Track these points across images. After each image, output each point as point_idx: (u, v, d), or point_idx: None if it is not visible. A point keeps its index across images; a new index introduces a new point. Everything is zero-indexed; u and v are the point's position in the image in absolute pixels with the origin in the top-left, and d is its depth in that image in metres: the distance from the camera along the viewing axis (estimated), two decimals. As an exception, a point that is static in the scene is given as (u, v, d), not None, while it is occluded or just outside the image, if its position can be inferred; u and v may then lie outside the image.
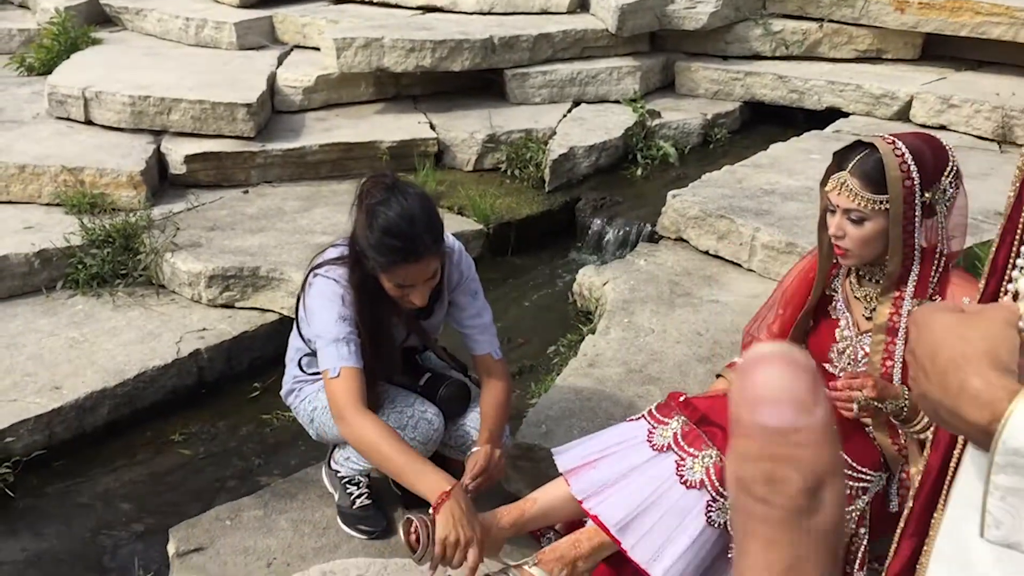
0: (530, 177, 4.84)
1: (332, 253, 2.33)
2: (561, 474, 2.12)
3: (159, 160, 4.55)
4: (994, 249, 1.04)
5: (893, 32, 5.60)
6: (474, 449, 2.33)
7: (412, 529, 2.09)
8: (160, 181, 4.53)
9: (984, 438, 0.77)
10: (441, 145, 5.03)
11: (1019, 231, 1.00)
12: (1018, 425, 0.75)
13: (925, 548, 1.09)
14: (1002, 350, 0.80)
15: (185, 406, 3.38)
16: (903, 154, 1.95)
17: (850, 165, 2.00)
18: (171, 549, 2.48)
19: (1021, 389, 0.77)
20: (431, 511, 2.03)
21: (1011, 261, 1.00)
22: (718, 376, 2.51)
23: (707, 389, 2.61)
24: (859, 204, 1.98)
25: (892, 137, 2.01)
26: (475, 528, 2.02)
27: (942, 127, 5.09)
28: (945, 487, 1.06)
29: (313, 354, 2.49)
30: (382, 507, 2.58)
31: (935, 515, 1.09)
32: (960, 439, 1.03)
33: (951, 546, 0.98)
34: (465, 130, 5.05)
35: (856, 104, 5.40)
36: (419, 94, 5.60)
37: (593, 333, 3.38)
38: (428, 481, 2.03)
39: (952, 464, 1.06)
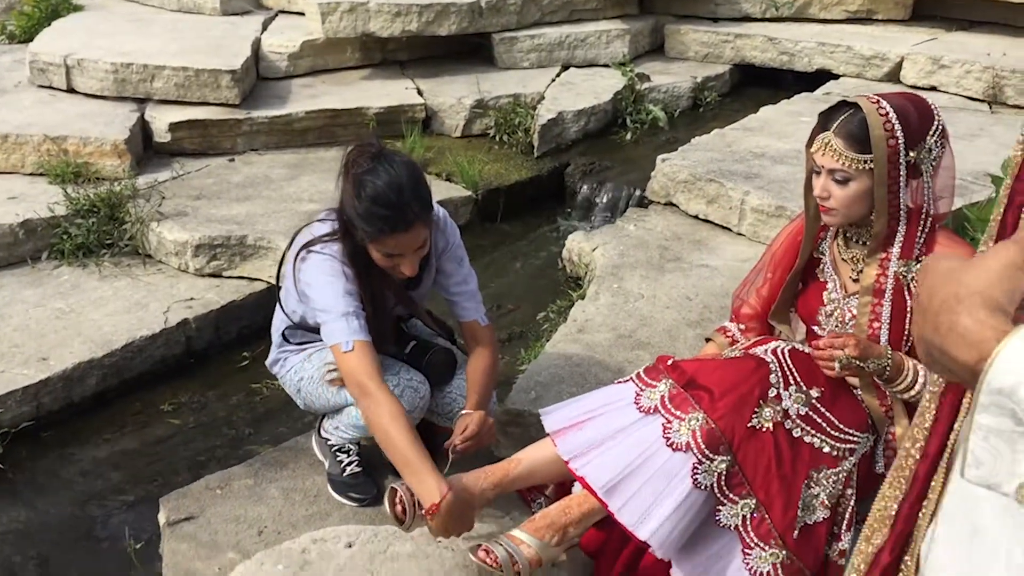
0: (518, 143, 4.81)
1: (322, 228, 2.30)
2: (547, 435, 2.12)
3: (143, 128, 4.51)
4: (1002, 209, 1.02)
5: (884, -8, 5.56)
6: (464, 411, 2.33)
7: (397, 500, 2.09)
8: (144, 149, 4.48)
9: (972, 378, 0.77)
10: (429, 111, 4.98)
11: None
12: (1003, 366, 0.74)
13: (923, 511, 1.09)
14: (997, 291, 0.80)
15: (174, 376, 3.37)
16: (887, 113, 1.94)
17: (834, 125, 1.99)
18: (162, 518, 2.48)
19: (1011, 330, 0.76)
20: (424, 514, 2.03)
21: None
22: (707, 340, 2.51)
23: (697, 353, 2.61)
24: (843, 164, 1.97)
25: (877, 96, 1.99)
26: (467, 526, 2.06)
27: (932, 88, 5.07)
28: (948, 449, 1.06)
29: (297, 326, 2.48)
30: (372, 475, 2.57)
31: (935, 479, 1.08)
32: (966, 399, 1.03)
33: (956, 506, 0.96)
34: (453, 96, 5.00)
35: (846, 66, 5.37)
36: (406, 59, 5.54)
37: (583, 299, 3.37)
38: (424, 485, 2.03)
39: (957, 426, 1.05)
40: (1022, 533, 0.85)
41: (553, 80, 5.30)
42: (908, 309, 2.04)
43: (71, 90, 4.73)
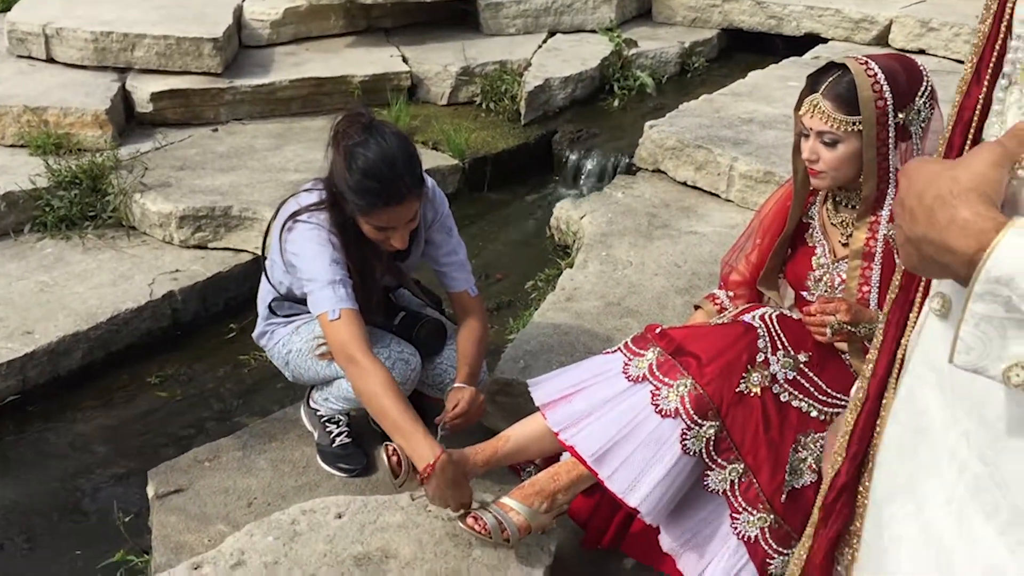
0: (505, 110, 4.77)
1: (309, 198, 2.27)
2: (536, 408, 2.11)
3: (125, 98, 4.45)
4: (950, 126, 1.06)
5: (873, -46, 5.51)
6: (455, 385, 2.32)
7: (391, 452, 2.09)
8: (126, 120, 4.43)
9: (968, 270, 0.80)
10: (414, 79, 4.94)
11: (988, 77, 1.01)
12: (1002, 254, 0.78)
13: (877, 429, 1.14)
14: (988, 187, 0.83)
15: (160, 349, 3.35)
16: (875, 74, 1.92)
17: (822, 87, 1.97)
18: (150, 491, 2.48)
19: (1008, 221, 0.80)
20: (418, 478, 2.02)
21: (980, 103, 1.02)
22: (696, 308, 2.50)
23: (686, 321, 2.60)
24: (832, 126, 1.95)
25: (865, 57, 1.97)
26: (464, 495, 2.03)
27: (921, 51, 5.04)
28: (897, 364, 1.11)
29: (284, 298, 2.45)
30: (362, 445, 2.57)
31: (886, 395, 1.13)
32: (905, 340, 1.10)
33: (906, 412, 1.04)
34: (439, 63, 4.95)
35: (835, 29, 5.33)
36: (391, 26, 5.48)
37: (571, 267, 3.35)
38: (416, 449, 2.02)
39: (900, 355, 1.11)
40: (964, 425, 0.92)
41: (540, 46, 5.25)
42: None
43: (50, 60, 4.66)
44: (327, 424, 2.56)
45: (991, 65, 1.01)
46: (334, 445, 2.54)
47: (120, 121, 4.33)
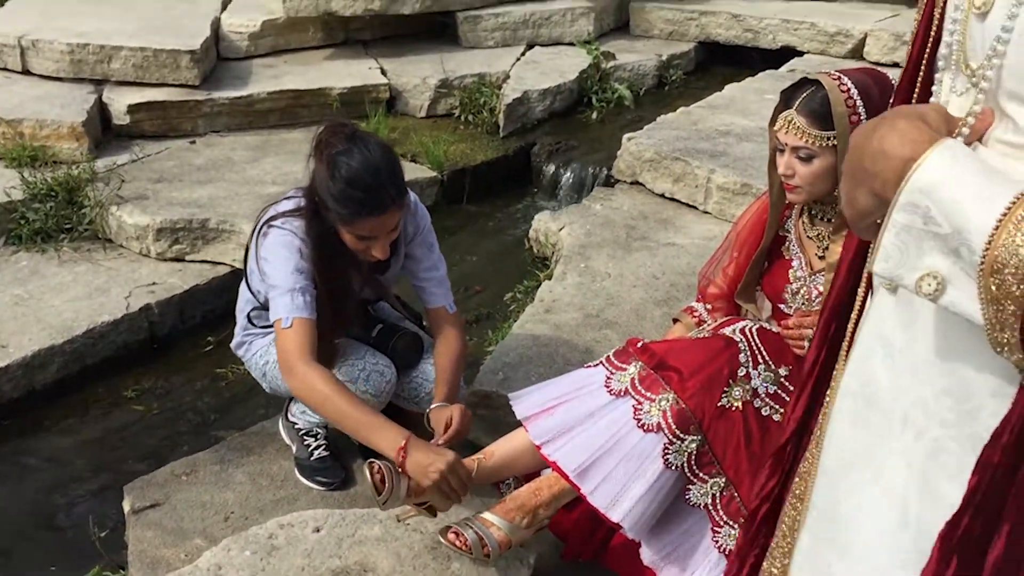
0: (484, 122, 4.78)
1: (287, 205, 2.27)
2: (519, 422, 2.11)
3: (101, 110, 4.42)
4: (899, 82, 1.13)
5: (847, -31, 5.58)
6: (436, 405, 2.27)
7: (376, 470, 2.07)
8: (103, 132, 4.40)
9: (898, 176, 0.85)
10: (393, 91, 4.94)
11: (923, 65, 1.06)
12: (930, 164, 0.82)
13: (827, 401, 1.17)
14: (928, 113, 0.89)
15: (137, 362, 3.32)
16: (848, 89, 1.94)
17: (797, 103, 1.99)
18: (127, 506, 2.45)
19: (944, 140, 0.84)
20: (398, 465, 2.00)
21: (918, 88, 1.08)
22: (674, 321, 2.51)
23: (664, 333, 2.62)
24: (807, 141, 1.97)
25: (838, 73, 2.00)
26: (448, 458, 1.96)
27: (895, 64, 5.09)
28: (847, 338, 1.15)
29: (263, 307, 2.44)
30: (340, 459, 2.56)
31: (837, 367, 1.17)
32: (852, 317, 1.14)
33: (856, 381, 1.08)
34: (417, 75, 4.96)
35: (810, 43, 5.39)
36: (369, 39, 5.48)
37: (550, 279, 3.36)
38: (383, 436, 1.99)
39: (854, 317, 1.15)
40: (917, 392, 0.97)
41: (518, 59, 5.27)
42: None
43: (26, 71, 4.63)
44: (305, 437, 2.55)
45: (928, 51, 1.06)
46: (312, 458, 2.53)
47: (96, 133, 4.30)
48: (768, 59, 5.41)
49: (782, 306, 2.23)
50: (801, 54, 5.39)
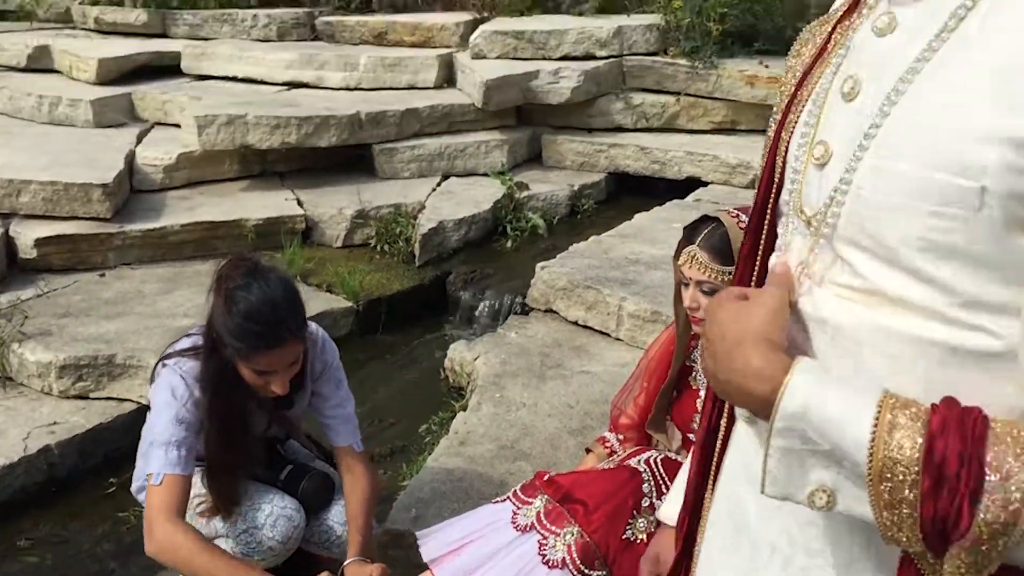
0: (400, 252, 4.82)
1: (184, 343, 2.24)
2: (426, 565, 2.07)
3: (7, 244, 4.34)
4: (741, 242, 1.20)
5: (745, 105, 5.88)
6: (352, 560, 2.20)
7: None
8: (8, 266, 4.31)
9: (766, 410, 0.89)
10: (309, 222, 4.97)
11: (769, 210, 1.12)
12: (792, 393, 0.87)
13: (702, 526, 1.21)
14: (773, 332, 0.94)
15: (33, 506, 3.17)
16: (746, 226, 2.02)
17: (699, 239, 2.06)
18: (13, 668, 2.30)
19: (792, 363, 0.90)
20: None
21: (764, 234, 1.14)
22: (587, 451, 2.51)
23: (578, 463, 2.61)
24: (710, 276, 2.04)
25: (736, 210, 2.09)
26: None
27: (794, 194, 5.34)
28: (714, 462, 1.20)
29: (165, 448, 2.37)
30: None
31: (707, 497, 1.21)
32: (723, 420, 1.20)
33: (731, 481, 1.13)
34: (334, 206, 5.01)
35: (714, 173, 5.62)
36: (286, 171, 5.54)
37: (464, 410, 3.35)
38: None
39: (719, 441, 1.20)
40: (782, 522, 1.01)
41: (434, 189, 5.37)
42: None
43: (-70, 206, 4.53)
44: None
45: (772, 195, 1.12)
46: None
47: (1, 268, 4.20)
48: (675, 188, 5.61)
49: (691, 436, 2.26)
50: (706, 184, 5.61)
